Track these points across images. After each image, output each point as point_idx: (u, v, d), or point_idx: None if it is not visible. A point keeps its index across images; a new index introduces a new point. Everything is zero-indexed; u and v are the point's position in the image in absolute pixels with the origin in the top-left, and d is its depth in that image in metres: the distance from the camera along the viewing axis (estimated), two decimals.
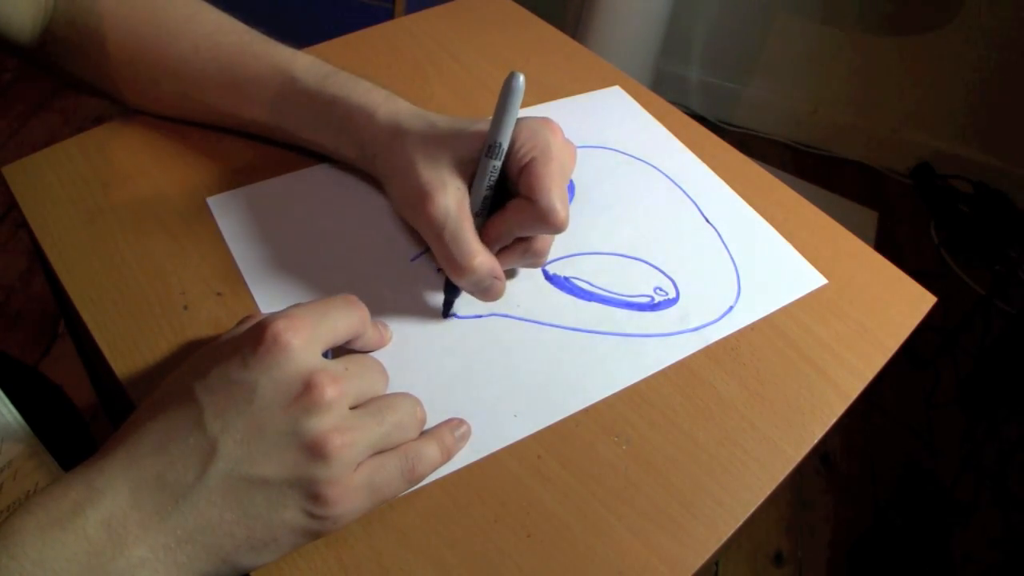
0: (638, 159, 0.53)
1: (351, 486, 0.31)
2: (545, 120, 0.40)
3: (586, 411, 0.39)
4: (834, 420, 0.40)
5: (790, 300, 0.46)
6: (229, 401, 0.30)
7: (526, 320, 0.43)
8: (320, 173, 0.48)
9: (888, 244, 1.68)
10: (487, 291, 0.41)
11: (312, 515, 0.30)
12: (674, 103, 0.58)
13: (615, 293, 0.45)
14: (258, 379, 0.30)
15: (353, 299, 0.36)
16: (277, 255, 0.43)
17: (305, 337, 0.32)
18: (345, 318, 0.35)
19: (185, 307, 0.40)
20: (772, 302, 0.46)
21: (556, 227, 0.38)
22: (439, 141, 0.40)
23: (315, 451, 0.30)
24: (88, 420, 0.63)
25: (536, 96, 0.57)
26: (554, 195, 0.38)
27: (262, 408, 0.30)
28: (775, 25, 1.74)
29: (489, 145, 0.39)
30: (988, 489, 1.27)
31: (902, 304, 0.47)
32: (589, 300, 0.44)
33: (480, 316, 0.42)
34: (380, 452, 0.33)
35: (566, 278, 0.45)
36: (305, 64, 0.45)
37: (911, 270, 0.48)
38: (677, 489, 0.37)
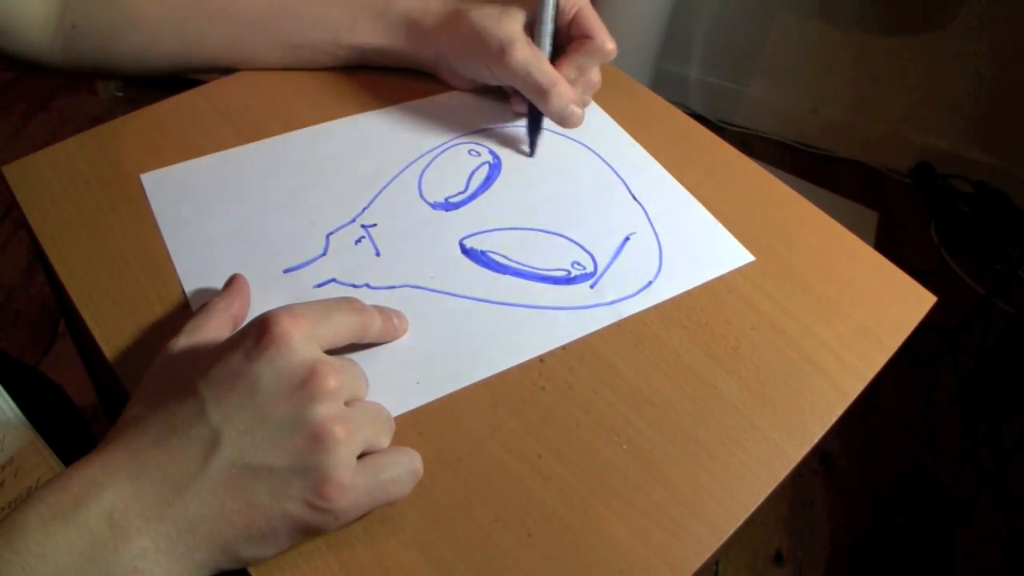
0: (568, 137, 0.54)
1: (355, 481, 0.31)
2: None
3: (587, 410, 0.39)
4: (834, 420, 0.40)
5: (712, 276, 0.46)
6: (232, 392, 0.30)
7: (438, 292, 0.43)
8: (256, 151, 0.49)
9: (888, 244, 1.68)
10: (570, 116, 0.50)
11: (314, 507, 0.30)
12: (674, 103, 0.58)
13: (531, 267, 0.45)
14: (261, 370, 0.30)
15: (356, 302, 0.37)
16: (207, 235, 0.44)
17: (307, 331, 0.32)
18: (347, 321, 0.36)
19: (186, 306, 0.40)
20: (694, 278, 0.46)
21: (609, 55, 0.50)
22: (499, 9, 0.50)
23: (319, 438, 0.30)
24: (88, 420, 0.63)
25: None
26: (604, 31, 0.50)
27: (265, 397, 0.30)
28: (775, 25, 1.74)
29: (543, 5, 0.49)
30: (988, 489, 1.27)
31: (902, 304, 0.47)
32: (503, 273, 0.44)
33: (393, 287, 0.43)
34: (373, 452, 0.33)
35: (482, 252, 0.45)
36: None
37: (911, 270, 0.48)
38: (677, 488, 0.37)
